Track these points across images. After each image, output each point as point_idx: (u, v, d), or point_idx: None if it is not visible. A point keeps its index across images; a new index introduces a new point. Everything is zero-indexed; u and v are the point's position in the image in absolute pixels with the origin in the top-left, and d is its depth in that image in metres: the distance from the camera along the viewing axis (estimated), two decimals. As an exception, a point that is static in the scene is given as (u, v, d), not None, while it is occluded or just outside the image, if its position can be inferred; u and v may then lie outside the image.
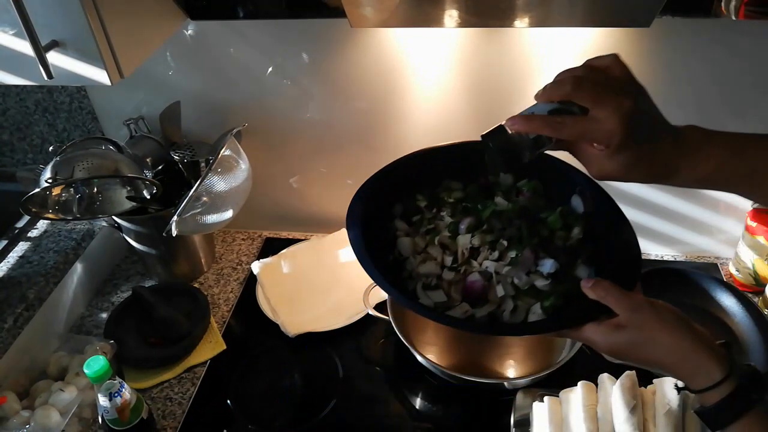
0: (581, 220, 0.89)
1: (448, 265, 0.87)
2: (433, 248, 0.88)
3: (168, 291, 1.22)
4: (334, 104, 1.18)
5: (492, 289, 0.83)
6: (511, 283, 0.83)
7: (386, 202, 0.93)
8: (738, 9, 0.89)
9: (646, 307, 0.65)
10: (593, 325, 0.67)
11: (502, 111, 1.13)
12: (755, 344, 1.05)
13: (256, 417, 1.02)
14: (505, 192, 0.94)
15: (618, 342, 0.65)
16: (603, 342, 0.66)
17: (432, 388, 1.05)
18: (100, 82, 0.80)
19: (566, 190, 0.91)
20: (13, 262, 1.17)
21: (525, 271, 0.83)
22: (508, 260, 0.85)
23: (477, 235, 0.87)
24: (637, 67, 1.03)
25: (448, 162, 0.95)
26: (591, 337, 0.67)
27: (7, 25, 0.75)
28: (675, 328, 0.64)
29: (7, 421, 0.95)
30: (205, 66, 1.16)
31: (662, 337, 0.63)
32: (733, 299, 1.11)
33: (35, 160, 1.36)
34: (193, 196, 1.02)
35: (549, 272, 0.83)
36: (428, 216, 0.92)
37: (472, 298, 0.83)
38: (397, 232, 0.92)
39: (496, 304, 0.83)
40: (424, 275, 0.86)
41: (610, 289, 0.67)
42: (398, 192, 0.94)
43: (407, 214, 0.94)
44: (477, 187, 0.94)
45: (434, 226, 0.91)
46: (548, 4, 0.86)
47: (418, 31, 1.05)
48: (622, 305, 0.66)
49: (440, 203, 0.94)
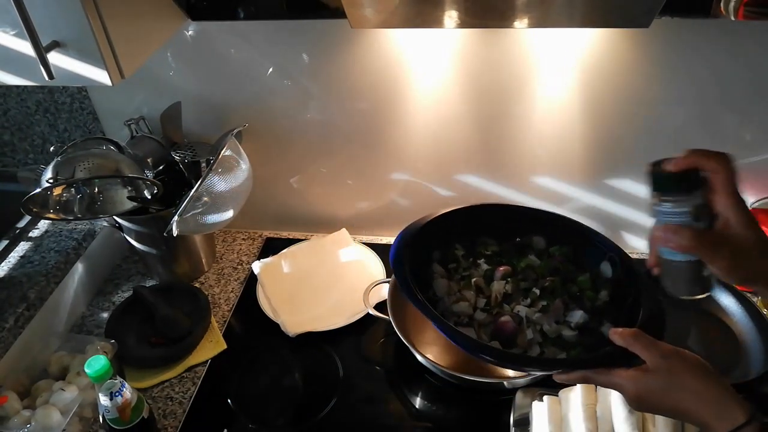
0: (609, 284, 0.95)
1: (480, 307, 0.92)
2: (467, 291, 0.94)
3: (169, 291, 1.22)
4: (334, 105, 1.18)
5: (522, 333, 0.88)
6: (539, 330, 0.88)
7: (425, 247, 0.99)
8: (737, 9, 0.89)
9: (675, 354, 0.68)
10: (622, 371, 0.69)
11: (501, 111, 1.14)
12: (754, 344, 1.05)
13: (256, 416, 1.02)
14: (538, 254, 1.01)
15: (647, 386, 0.67)
16: (632, 387, 0.68)
17: (432, 388, 1.05)
18: (101, 83, 0.80)
19: (595, 257, 0.98)
20: (14, 261, 1.17)
21: (554, 319, 0.89)
22: (539, 307, 0.90)
23: (511, 282, 0.94)
24: (636, 67, 1.04)
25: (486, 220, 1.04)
26: (619, 381, 0.69)
27: (8, 26, 0.75)
28: (701, 373, 0.66)
29: (8, 421, 0.95)
30: (205, 66, 1.16)
31: (690, 382, 0.65)
32: (732, 299, 1.11)
33: (36, 161, 1.37)
34: (194, 196, 1.02)
35: (577, 323, 0.88)
36: (464, 264, 1.00)
37: (502, 338, 0.88)
38: (434, 274, 0.98)
39: (523, 348, 0.87)
40: (456, 314, 0.91)
41: (639, 337, 0.70)
42: (437, 240, 1.01)
43: (444, 260, 1.01)
44: (512, 245, 1.03)
45: (469, 274, 0.97)
46: (547, 4, 0.86)
47: (418, 32, 1.05)
48: (651, 352, 0.68)
49: (477, 255, 1.01)
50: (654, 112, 1.09)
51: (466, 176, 1.25)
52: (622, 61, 1.03)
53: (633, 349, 0.70)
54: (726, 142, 1.10)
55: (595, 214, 1.26)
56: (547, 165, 1.20)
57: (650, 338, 0.70)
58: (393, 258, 0.92)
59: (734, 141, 1.10)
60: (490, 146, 1.19)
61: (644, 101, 1.07)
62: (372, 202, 1.35)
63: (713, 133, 1.10)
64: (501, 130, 1.16)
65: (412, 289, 0.86)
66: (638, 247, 1.30)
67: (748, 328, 1.08)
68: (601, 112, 1.10)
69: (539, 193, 1.25)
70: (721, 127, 1.09)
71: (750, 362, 1.03)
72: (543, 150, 1.17)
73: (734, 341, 1.08)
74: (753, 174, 1.14)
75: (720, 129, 1.09)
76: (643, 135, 1.12)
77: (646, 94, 1.06)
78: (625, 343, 0.70)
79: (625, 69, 1.04)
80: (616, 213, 1.25)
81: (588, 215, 1.27)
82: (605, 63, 1.04)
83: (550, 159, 1.19)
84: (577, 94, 1.08)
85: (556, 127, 1.13)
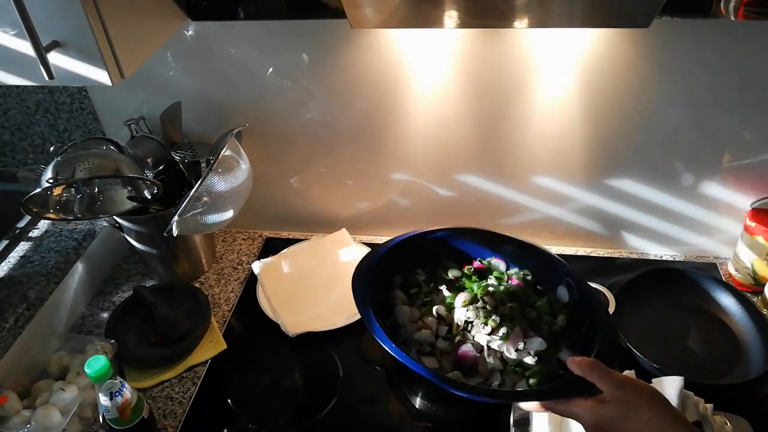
0: (566, 309, 0.99)
1: (442, 335, 0.95)
2: (429, 318, 0.97)
3: (169, 291, 1.22)
4: (334, 105, 1.18)
5: (483, 362, 0.91)
6: (500, 358, 0.92)
7: (388, 272, 1.03)
8: (737, 9, 0.89)
9: (629, 385, 0.70)
10: (580, 400, 0.72)
11: (501, 111, 1.14)
12: (754, 344, 1.05)
13: (256, 416, 1.02)
14: (498, 277, 1.05)
15: (603, 416, 0.69)
16: (589, 416, 0.70)
17: (432, 388, 1.05)
18: (101, 83, 0.80)
19: (553, 281, 1.02)
20: (15, 261, 1.17)
21: (514, 347, 0.92)
22: (500, 335, 0.93)
23: (472, 309, 0.96)
24: (636, 67, 1.04)
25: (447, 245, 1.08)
26: (577, 411, 0.72)
27: (8, 26, 0.75)
28: (655, 405, 0.68)
29: (8, 421, 0.95)
30: (205, 66, 1.16)
31: (643, 412, 0.67)
32: (732, 299, 1.11)
33: (36, 161, 1.37)
34: (194, 196, 1.02)
35: (537, 350, 0.91)
36: (425, 290, 1.03)
37: (463, 367, 0.91)
38: (396, 300, 1.01)
39: (485, 376, 0.90)
40: (418, 342, 0.94)
41: (595, 366, 0.72)
42: (399, 264, 1.04)
43: (406, 285, 1.04)
44: (473, 269, 1.06)
45: (430, 300, 1.00)
46: (547, 4, 0.86)
47: (418, 32, 1.05)
48: (607, 382, 0.70)
49: (438, 279, 1.04)
50: (654, 112, 1.09)
51: (466, 176, 1.25)
52: (622, 61, 1.03)
53: (590, 379, 0.72)
54: (725, 142, 1.11)
55: (595, 214, 1.26)
56: (547, 165, 1.20)
57: (605, 368, 0.72)
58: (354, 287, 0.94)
59: (734, 141, 1.10)
60: (490, 146, 1.19)
61: (644, 101, 1.07)
62: (372, 202, 1.35)
63: (713, 133, 1.10)
64: (501, 130, 1.16)
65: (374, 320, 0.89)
66: (638, 247, 1.30)
67: (748, 328, 1.08)
68: (601, 112, 1.10)
69: (539, 193, 1.25)
70: (721, 127, 1.09)
71: (750, 362, 1.03)
72: (543, 150, 1.17)
73: (734, 341, 1.08)
74: (753, 174, 1.14)
75: (720, 129, 1.09)
76: (643, 135, 1.12)
77: (646, 94, 1.06)
78: (582, 373, 0.73)
79: (625, 69, 1.04)
80: (616, 213, 1.25)
81: (588, 215, 1.27)
82: (605, 63, 1.04)
83: (550, 159, 1.19)
84: (577, 94, 1.08)
85: (556, 127, 1.14)
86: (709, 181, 1.17)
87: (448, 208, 1.31)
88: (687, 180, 1.17)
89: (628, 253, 1.31)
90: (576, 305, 0.99)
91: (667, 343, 1.08)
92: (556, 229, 1.30)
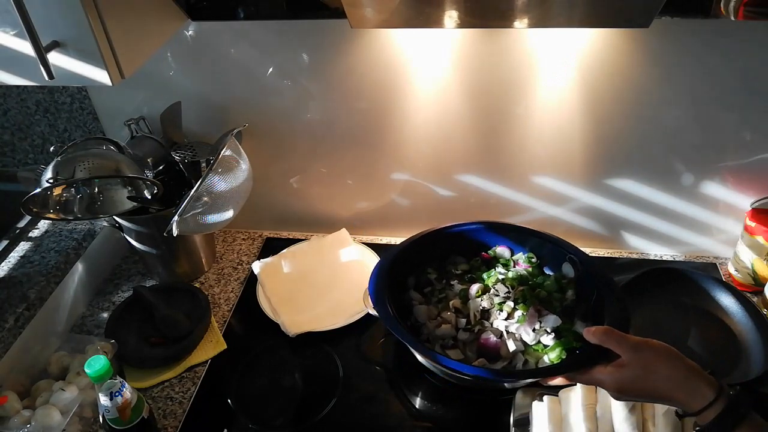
0: (573, 283, 1.04)
1: (462, 327, 0.99)
2: (447, 313, 1.01)
3: (169, 291, 1.22)
4: (335, 104, 1.18)
5: (504, 346, 0.95)
6: (520, 340, 0.96)
7: (399, 275, 1.07)
8: (737, 10, 0.89)
9: (644, 345, 0.75)
10: (601, 367, 0.77)
11: (501, 111, 1.14)
12: (754, 344, 1.05)
13: (256, 416, 1.02)
14: (504, 264, 1.10)
15: (624, 378, 0.74)
16: (611, 381, 0.75)
17: (432, 388, 1.05)
18: (101, 83, 0.80)
19: (557, 259, 1.08)
20: (15, 261, 1.17)
21: (531, 327, 0.96)
22: (516, 318, 0.98)
23: (486, 298, 1.01)
24: (636, 67, 1.04)
25: (452, 241, 1.12)
26: (600, 377, 0.77)
27: (8, 26, 0.75)
28: (671, 361, 0.73)
29: (8, 421, 0.95)
30: (205, 66, 1.16)
31: (661, 369, 0.73)
32: (732, 299, 1.11)
33: (36, 161, 1.37)
34: (194, 196, 1.02)
35: (553, 327, 0.96)
36: (438, 287, 1.07)
37: (486, 354, 0.95)
38: (413, 301, 1.05)
39: (508, 359, 0.95)
40: (441, 337, 0.99)
41: (610, 334, 0.77)
42: (409, 266, 1.09)
43: (419, 285, 1.09)
44: (480, 260, 1.11)
45: (445, 296, 1.05)
46: (548, 4, 0.86)
47: (418, 32, 1.05)
48: (623, 346, 0.75)
49: (448, 275, 1.09)
50: (654, 112, 1.09)
51: (466, 176, 1.25)
52: (621, 61, 1.03)
53: (606, 345, 0.77)
54: (725, 141, 1.11)
55: (595, 214, 1.26)
56: (547, 165, 1.20)
57: (620, 333, 0.77)
58: (373, 296, 0.98)
59: (734, 141, 1.10)
60: (490, 146, 1.19)
61: (644, 101, 1.07)
62: (372, 202, 1.35)
63: (713, 133, 1.10)
64: (501, 129, 1.16)
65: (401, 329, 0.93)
66: (638, 247, 1.30)
67: (748, 328, 1.08)
68: (601, 112, 1.10)
69: (539, 193, 1.25)
70: (721, 127, 1.09)
71: (750, 362, 1.03)
72: (543, 150, 1.17)
73: (734, 341, 1.08)
74: (753, 174, 1.14)
75: (720, 129, 1.09)
76: (643, 135, 1.12)
77: (646, 94, 1.06)
78: (598, 341, 0.77)
79: (625, 69, 1.04)
80: (616, 213, 1.25)
81: (588, 215, 1.27)
82: (605, 63, 1.04)
83: (550, 159, 1.19)
84: (577, 94, 1.08)
85: (556, 126, 1.14)
86: (709, 181, 1.16)
87: (448, 208, 1.31)
88: (687, 180, 1.17)
89: (628, 253, 1.31)
90: (582, 278, 1.03)
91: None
92: (556, 229, 1.30)
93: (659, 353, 0.74)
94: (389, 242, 1.38)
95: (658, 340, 0.76)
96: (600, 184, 1.21)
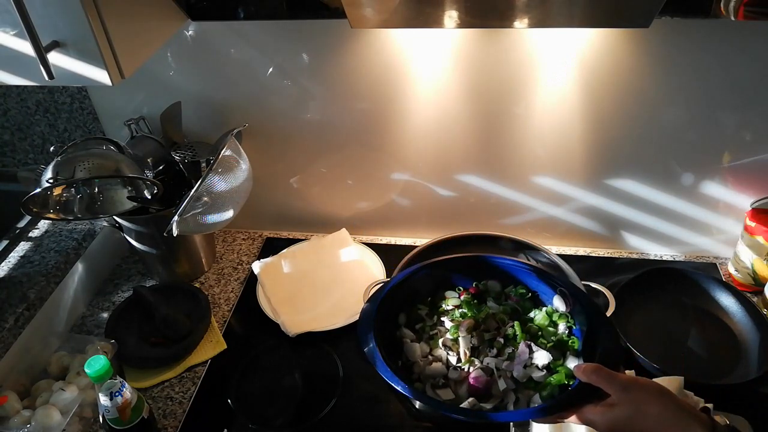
0: (565, 317, 1.01)
1: (453, 365, 0.97)
2: (438, 351, 0.99)
3: (169, 291, 1.22)
4: (335, 104, 1.18)
5: (495, 384, 0.93)
6: (511, 377, 0.93)
7: (391, 313, 1.04)
8: (737, 10, 0.89)
9: (634, 384, 0.73)
10: (591, 407, 0.75)
11: (501, 111, 1.14)
12: (754, 344, 1.05)
13: (256, 416, 1.02)
14: (495, 297, 1.07)
15: (615, 418, 0.72)
16: (601, 421, 0.74)
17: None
18: (101, 83, 0.80)
19: (549, 292, 1.04)
20: (15, 261, 1.17)
21: (522, 364, 0.94)
22: (506, 355, 0.96)
23: (476, 335, 0.98)
24: (636, 67, 1.04)
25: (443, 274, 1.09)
26: (590, 417, 0.75)
27: (8, 26, 0.75)
28: (661, 400, 0.71)
29: (8, 421, 0.95)
30: (205, 66, 1.16)
31: (652, 409, 0.71)
32: (732, 299, 1.11)
33: (36, 161, 1.37)
34: (194, 196, 1.02)
35: (543, 364, 0.93)
36: (429, 323, 1.04)
37: (477, 393, 0.93)
38: (403, 339, 1.02)
39: (499, 397, 0.92)
40: (431, 376, 0.96)
41: (599, 372, 0.76)
42: (399, 303, 1.05)
43: (410, 322, 1.05)
44: (470, 295, 1.07)
45: (437, 332, 1.02)
46: (548, 4, 0.86)
47: (418, 32, 1.05)
48: (612, 385, 0.74)
49: (439, 311, 1.05)
50: (654, 112, 1.09)
51: (466, 176, 1.25)
52: (622, 61, 1.03)
53: (596, 384, 0.75)
54: (725, 142, 1.11)
55: (595, 214, 1.26)
56: (548, 165, 1.20)
57: (609, 372, 0.75)
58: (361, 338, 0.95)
59: (734, 141, 1.10)
60: (490, 146, 1.19)
61: (644, 101, 1.07)
62: (372, 202, 1.35)
63: (713, 133, 1.10)
64: (501, 129, 1.16)
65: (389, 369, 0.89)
66: (638, 247, 1.30)
67: (748, 328, 1.08)
68: (601, 112, 1.10)
69: (539, 193, 1.25)
70: (721, 127, 1.09)
71: (750, 362, 1.03)
72: (543, 150, 1.17)
73: (734, 341, 1.08)
74: (753, 174, 1.14)
75: (720, 129, 1.09)
76: (643, 135, 1.12)
77: (646, 94, 1.06)
78: (588, 379, 0.76)
79: (625, 69, 1.04)
80: (616, 213, 1.25)
81: (588, 215, 1.27)
82: (605, 63, 1.04)
83: (550, 159, 1.19)
84: (577, 94, 1.08)
85: (556, 126, 1.14)
86: (709, 181, 1.16)
87: (448, 208, 1.31)
88: (687, 180, 1.17)
89: (628, 253, 1.31)
90: (574, 311, 1.00)
91: (667, 343, 1.08)
92: (556, 229, 1.30)
93: (650, 392, 0.72)
94: (389, 242, 1.38)
95: (649, 379, 0.75)
96: (600, 184, 1.21)
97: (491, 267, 1.08)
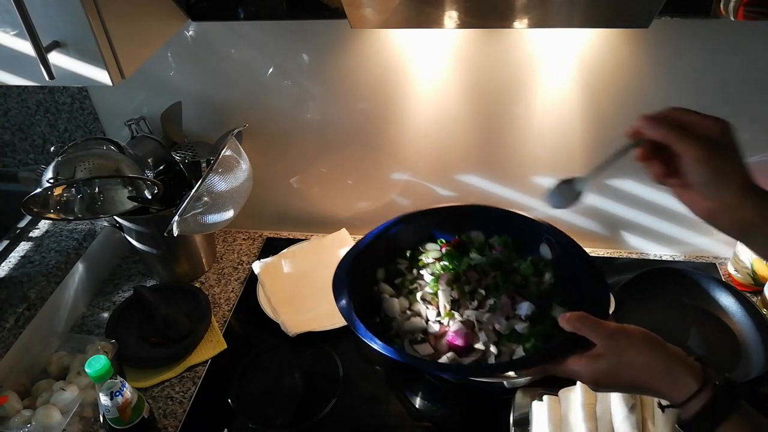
0: (551, 265, 0.96)
1: (432, 319, 0.93)
2: (416, 305, 0.95)
3: (169, 290, 1.22)
4: (335, 105, 1.18)
5: (476, 337, 0.88)
6: (492, 330, 0.89)
7: (369, 268, 0.99)
8: (737, 10, 0.89)
9: (619, 333, 0.69)
10: (575, 358, 0.71)
11: (501, 111, 1.14)
12: (754, 344, 1.05)
13: (256, 416, 1.02)
14: (479, 248, 1.01)
15: (599, 369, 0.68)
16: (586, 372, 0.69)
17: (432, 388, 1.05)
18: (102, 83, 0.80)
19: (534, 241, 0.99)
20: (15, 261, 1.17)
21: (504, 316, 0.89)
22: (488, 307, 0.91)
23: (456, 288, 0.93)
24: (636, 67, 1.04)
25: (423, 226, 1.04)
26: (574, 368, 0.70)
27: (8, 26, 0.75)
28: (648, 348, 0.67)
29: (8, 421, 0.95)
30: (205, 66, 1.16)
31: (639, 358, 0.66)
32: (732, 299, 1.11)
33: (37, 161, 1.37)
34: (194, 196, 1.02)
35: (526, 314, 0.89)
36: (410, 277, 1.00)
37: (457, 348, 0.88)
38: (382, 294, 0.97)
39: (480, 351, 0.88)
40: (409, 331, 0.92)
41: (584, 320, 0.71)
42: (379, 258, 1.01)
43: (390, 277, 1.01)
44: (452, 246, 1.01)
45: (416, 287, 0.98)
46: (548, 4, 0.86)
47: (418, 32, 1.05)
48: (597, 334, 0.69)
49: (420, 264, 1.01)
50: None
51: (466, 176, 1.25)
52: (621, 61, 1.03)
53: (581, 333, 0.70)
54: (726, 142, 1.10)
55: (595, 214, 1.26)
56: (548, 165, 1.20)
57: (595, 320, 0.70)
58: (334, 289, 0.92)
59: (734, 141, 1.10)
60: (490, 146, 1.19)
61: (644, 101, 1.07)
62: (372, 202, 1.35)
63: (713, 133, 1.10)
64: (501, 129, 1.16)
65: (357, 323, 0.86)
66: (638, 247, 1.30)
67: (748, 328, 1.08)
68: (600, 112, 1.10)
69: (539, 193, 1.25)
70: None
71: (750, 362, 1.03)
72: (543, 150, 1.18)
73: (734, 341, 1.08)
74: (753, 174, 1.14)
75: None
76: (643, 135, 1.12)
77: (646, 94, 1.06)
78: (572, 328, 0.71)
79: (625, 69, 1.04)
80: (616, 213, 1.25)
81: (588, 215, 1.27)
82: (605, 63, 1.04)
83: (550, 159, 1.19)
84: (576, 94, 1.08)
85: (556, 126, 1.14)
86: (709, 181, 1.16)
87: (448, 208, 1.31)
88: (687, 180, 1.17)
89: (628, 253, 1.31)
90: (560, 260, 0.96)
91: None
92: (556, 229, 1.30)
93: (636, 340, 0.67)
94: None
95: (637, 326, 0.70)
96: (600, 183, 1.21)
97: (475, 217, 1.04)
